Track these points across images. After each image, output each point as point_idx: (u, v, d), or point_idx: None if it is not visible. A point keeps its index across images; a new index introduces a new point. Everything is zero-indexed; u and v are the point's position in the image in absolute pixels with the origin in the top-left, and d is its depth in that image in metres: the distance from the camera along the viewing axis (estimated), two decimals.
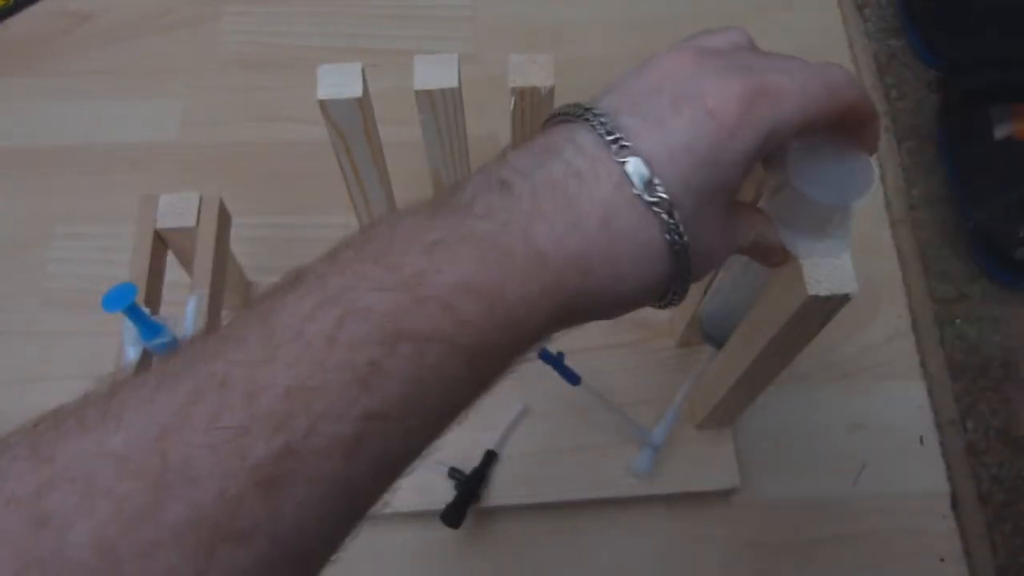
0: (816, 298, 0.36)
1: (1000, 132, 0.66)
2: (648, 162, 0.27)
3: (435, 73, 0.44)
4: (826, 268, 0.36)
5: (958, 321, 0.63)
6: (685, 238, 0.28)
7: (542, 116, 0.45)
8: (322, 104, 0.45)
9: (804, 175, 0.34)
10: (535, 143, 0.29)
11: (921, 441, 0.59)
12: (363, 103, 0.45)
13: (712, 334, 0.51)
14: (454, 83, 0.44)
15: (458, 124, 0.47)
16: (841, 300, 0.36)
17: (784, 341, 0.41)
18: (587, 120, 0.28)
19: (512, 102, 0.44)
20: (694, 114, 0.27)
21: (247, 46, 0.73)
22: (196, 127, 0.69)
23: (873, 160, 0.34)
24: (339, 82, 0.45)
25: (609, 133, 0.27)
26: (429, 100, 0.45)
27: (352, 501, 0.25)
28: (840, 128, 0.31)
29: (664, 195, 0.27)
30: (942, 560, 0.55)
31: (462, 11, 0.75)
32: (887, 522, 0.57)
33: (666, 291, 0.30)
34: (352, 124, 0.47)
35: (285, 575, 0.23)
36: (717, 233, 0.30)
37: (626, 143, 0.27)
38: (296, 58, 0.72)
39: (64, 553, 0.20)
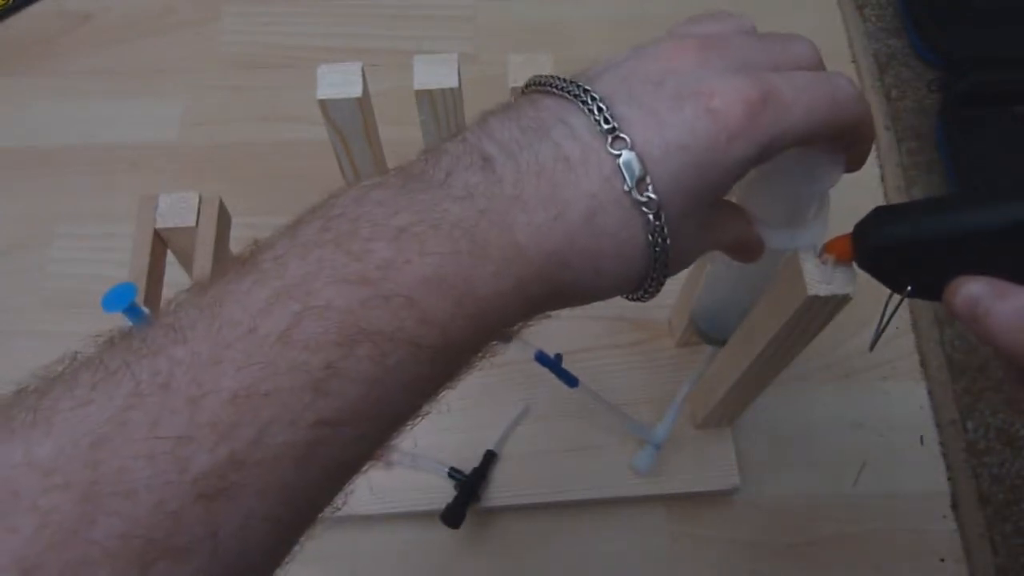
0: (816, 298, 0.36)
1: None
2: (641, 158, 0.25)
3: (435, 73, 0.44)
4: (825, 268, 0.36)
5: (958, 321, 0.63)
6: (668, 241, 0.27)
7: None
8: (322, 104, 0.45)
9: (758, 211, 0.34)
10: (522, 113, 0.27)
11: (921, 441, 0.59)
12: (363, 103, 0.45)
13: (704, 330, 0.51)
14: (454, 83, 0.44)
15: (458, 124, 0.47)
16: (841, 300, 0.36)
17: (784, 341, 0.41)
18: (583, 102, 0.26)
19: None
20: (695, 112, 0.26)
21: (247, 46, 0.73)
22: (196, 127, 0.69)
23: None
24: (339, 82, 0.45)
25: (606, 122, 0.26)
26: (429, 100, 0.45)
27: (300, 511, 0.23)
28: (835, 141, 0.31)
29: (653, 195, 0.26)
30: (942, 560, 0.55)
31: (462, 11, 0.75)
32: (887, 522, 0.57)
33: (639, 286, 0.29)
34: (352, 124, 0.47)
35: None
36: (698, 232, 0.29)
37: (622, 135, 0.26)
38: (296, 58, 0.72)
39: None
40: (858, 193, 0.34)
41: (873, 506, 0.57)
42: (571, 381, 0.52)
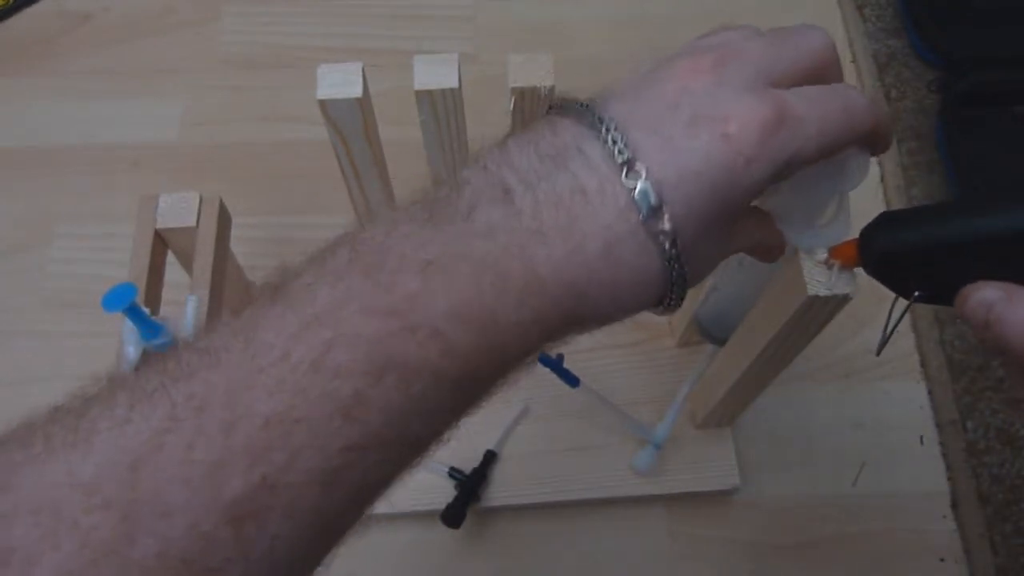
0: (816, 298, 0.36)
1: None
2: (657, 187, 0.25)
3: (435, 73, 0.44)
4: (826, 268, 0.36)
5: (958, 321, 0.63)
6: (684, 266, 0.27)
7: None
8: (322, 104, 0.45)
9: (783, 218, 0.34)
10: (540, 139, 0.27)
11: (921, 441, 0.59)
12: (363, 103, 0.45)
13: (710, 331, 0.51)
14: (454, 83, 0.44)
15: (458, 124, 0.47)
16: (841, 300, 0.36)
17: (784, 341, 0.41)
18: (598, 131, 0.26)
19: (512, 102, 0.44)
20: (711, 138, 0.26)
21: (247, 46, 0.73)
22: (196, 127, 0.69)
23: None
24: (339, 82, 0.45)
25: (620, 152, 0.26)
26: (429, 100, 0.45)
27: (326, 531, 0.24)
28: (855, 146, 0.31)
29: (668, 226, 0.26)
30: (942, 560, 0.55)
31: (462, 11, 0.75)
32: (887, 522, 0.57)
33: (659, 304, 0.29)
34: (352, 124, 0.47)
35: None
36: (718, 245, 0.29)
37: (637, 165, 0.26)
38: (296, 58, 0.72)
39: None
40: (858, 193, 0.34)
41: (873, 506, 0.57)
42: (572, 381, 0.52)
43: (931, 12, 0.72)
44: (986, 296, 0.29)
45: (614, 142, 0.26)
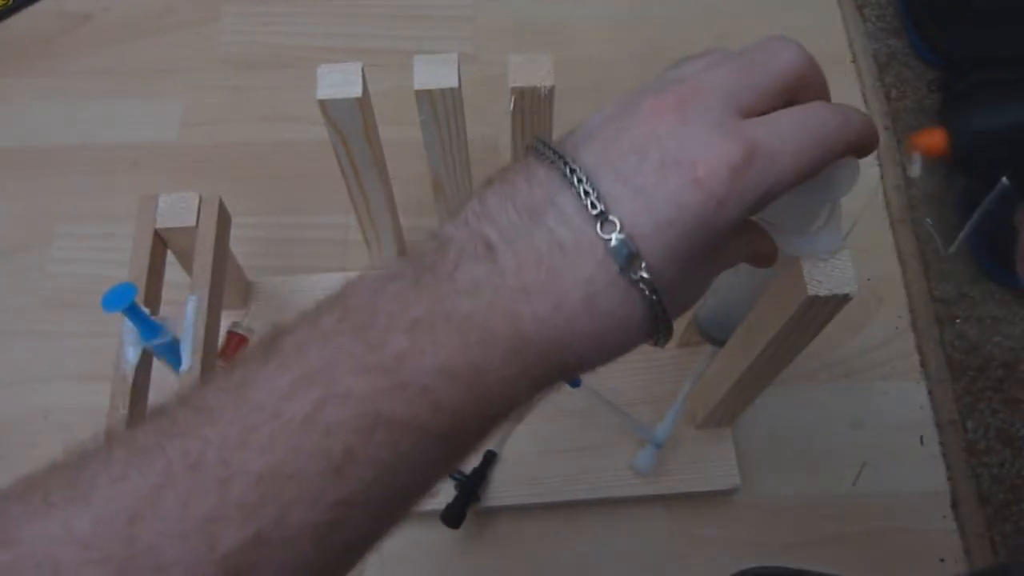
0: (816, 298, 0.36)
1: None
2: (632, 238, 0.26)
3: (435, 73, 0.44)
4: (826, 268, 0.36)
5: (958, 321, 0.63)
6: (667, 312, 0.27)
7: (542, 116, 0.45)
8: (322, 104, 0.45)
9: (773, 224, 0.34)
10: (518, 192, 0.27)
11: (921, 441, 0.59)
12: (363, 103, 0.45)
13: (709, 332, 0.51)
14: (454, 83, 0.44)
15: (458, 124, 0.47)
16: (841, 300, 0.36)
17: (784, 341, 0.41)
18: (569, 182, 0.26)
19: (512, 102, 0.44)
20: (681, 184, 0.26)
21: (247, 46, 0.73)
22: (196, 127, 0.69)
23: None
24: (339, 82, 0.45)
25: (593, 206, 0.26)
26: (429, 100, 0.45)
27: None
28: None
29: (646, 274, 0.26)
30: (942, 560, 0.55)
31: (462, 11, 0.75)
32: (887, 522, 0.57)
33: (647, 341, 0.29)
34: (352, 124, 0.47)
35: None
36: (701, 277, 0.29)
37: (611, 217, 0.26)
38: (296, 58, 0.72)
39: None
40: (857, 193, 0.34)
41: (873, 506, 0.57)
42: (573, 381, 0.52)
43: (931, 12, 0.72)
44: None
45: (586, 194, 0.26)
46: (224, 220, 0.50)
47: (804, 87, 0.29)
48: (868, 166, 0.38)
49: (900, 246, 0.65)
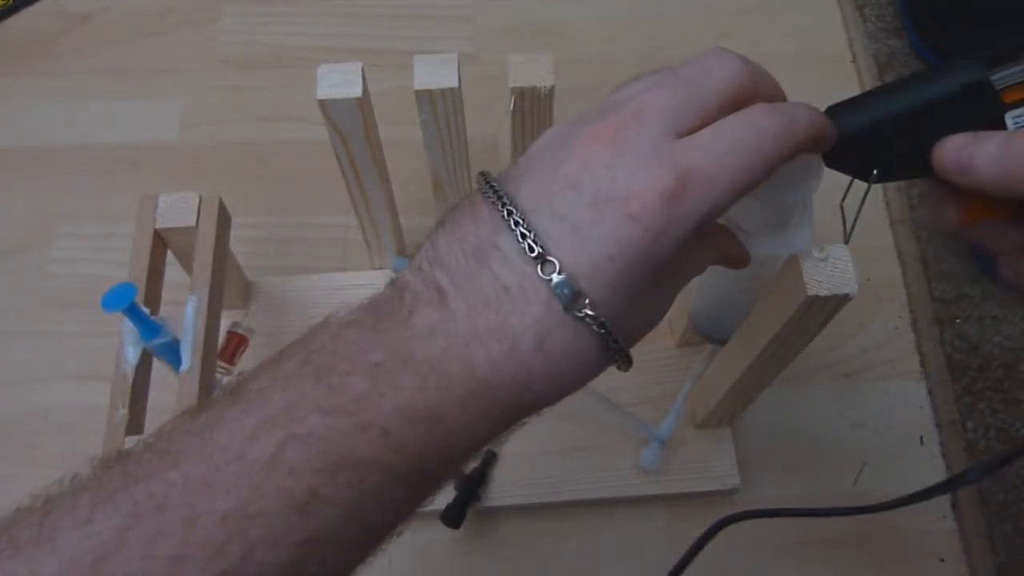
0: (816, 298, 0.36)
1: None
2: (572, 278, 0.26)
3: (435, 73, 0.44)
4: (826, 268, 0.36)
5: (958, 321, 0.63)
6: (620, 343, 0.27)
7: (542, 116, 0.45)
8: (322, 104, 0.45)
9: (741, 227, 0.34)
10: (465, 234, 0.27)
11: (921, 441, 0.59)
12: (363, 103, 0.45)
13: (706, 332, 0.51)
14: (454, 83, 0.44)
15: (458, 124, 0.47)
16: (841, 300, 0.36)
17: (784, 341, 0.41)
18: (507, 223, 0.26)
19: (512, 102, 0.44)
20: (616, 219, 0.26)
21: (247, 46, 0.73)
22: (196, 127, 0.69)
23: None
24: (339, 82, 0.45)
25: (531, 248, 0.26)
26: (429, 100, 0.45)
27: None
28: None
29: (591, 311, 0.26)
30: (942, 560, 0.55)
31: (462, 11, 0.75)
32: (887, 522, 0.56)
33: (605, 369, 0.29)
34: (352, 124, 0.47)
35: None
36: (658, 298, 0.29)
37: (549, 257, 0.26)
38: (296, 58, 0.72)
39: None
40: (857, 193, 0.34)
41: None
42: None
43: (931, 12, 0.72)
44: (956, 142, 0.30)
45: (523, 236, 0.26)
46: (224, 220, 0.50)
47: (749, 96, 0.28)
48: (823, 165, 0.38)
49: (900, 246, 0.65)
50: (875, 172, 0.32)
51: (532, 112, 0.45)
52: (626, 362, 0.29)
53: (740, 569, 0.55)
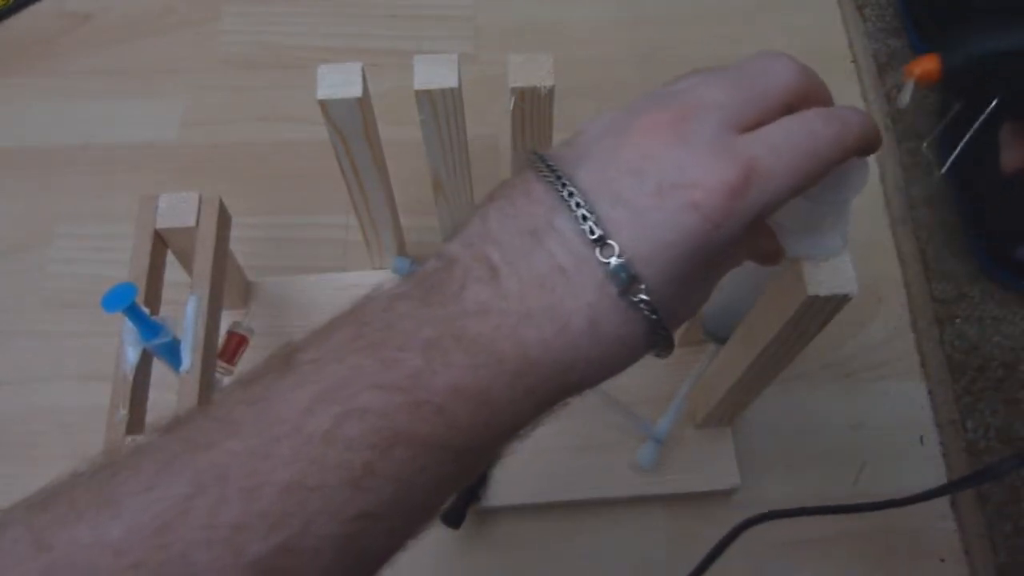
0: (816, 298, 0.36)
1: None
2: (631, 262, 0.26)
3: (435, 73, 0.44)
4: (826, 268, 0.36)
5: (958, 321, 0.63)
6: (669, 332, 0.28)
7: (542, 116, 0.45)
8: (322, 104, 0.45)
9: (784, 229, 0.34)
10: (519, 212, 0.27)
11: (921, 441, 0.59)
12: (363, 103, 0.45)
13: (715, 331, 0.51)
14: (454, 83, 0.44)
15: (458, 124, 0.47)
16: (841, 300, 0.36)
17: (784, 341, 0.41)
18: (567, 204, 0.27)
19: (512, 102, 0.44)
20: (679, 207, 0.26)
21: (247, 46, 0.73)
22: (196, 127, 0.69)
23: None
24: (339, 82, 0.45)
25: (592, 231, 0.26)
26: (429, 100, 0.45)
27: None
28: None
29: (646, 296, 0.26)
30: (942, 560, 0.55)
31: (462, 11, 0.75)
32: (887, 522, 0.56)
33: (649, 353, 0.30)
34: (352, 124, 0.47)
35: None
36: (701, 289, 0.30)
37: (609, 241, 0.26)
38: (296, 58, 0.72)
39: None
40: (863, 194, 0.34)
41: None
42: None
43: (931, 12, 0.72)
44: None
45: (584, 218, 0.26)
46: (224, 220, 0.50)
47: (801, 100, 0.29)
48: (870, 166, 0.39)
49: (900, 246, 0.65)
50: (996, 99, 0.31)
51: (532, 112, 0.45)
52: (669, 348, 0.29)
53: (740, 569, 0.55)
